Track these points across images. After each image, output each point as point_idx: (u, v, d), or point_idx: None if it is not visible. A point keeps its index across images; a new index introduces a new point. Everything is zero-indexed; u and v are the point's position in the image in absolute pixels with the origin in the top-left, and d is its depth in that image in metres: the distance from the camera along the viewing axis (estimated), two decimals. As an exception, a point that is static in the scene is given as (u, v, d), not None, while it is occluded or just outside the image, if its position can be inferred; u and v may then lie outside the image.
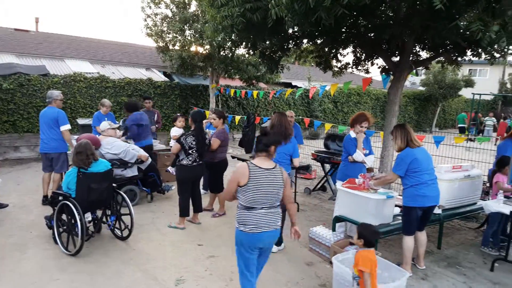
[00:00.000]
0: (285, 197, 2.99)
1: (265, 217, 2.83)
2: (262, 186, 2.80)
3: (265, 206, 2.83)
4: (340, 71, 7.43)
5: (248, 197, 2.80)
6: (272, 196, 2.84)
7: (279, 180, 2.87)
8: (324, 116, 17.46)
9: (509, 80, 26.34)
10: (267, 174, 2.83)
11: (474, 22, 3.47)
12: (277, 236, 2.95)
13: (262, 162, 2.89)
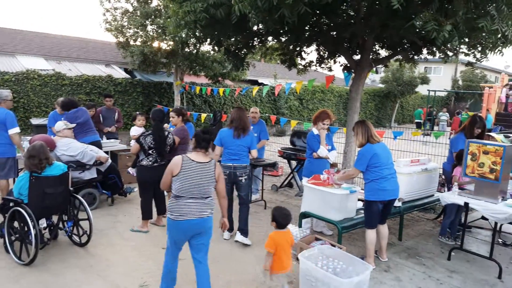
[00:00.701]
0: (217, 192, 3.21)
1: (191, 206, 3.03)
2: (191, 178, 3.02)
3: (194, 196, 3.05)
4: (304, 68, 7.54)
5: (178, 186, 3.03)
6: (200, 188, 3.05)
7: (209, 174, 3.09)
8: (290, 113, 17.67)
9: (461, 77, 27.78)
10: (198, 167, 3.05)
11: (429, 22, 3.63)
12: (205, 224, 3.12)
13: (197, 157, 3.12)
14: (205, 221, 3.10)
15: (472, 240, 5.00)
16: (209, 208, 3.13)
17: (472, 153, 4.13)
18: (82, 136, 6.16)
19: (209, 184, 3.09)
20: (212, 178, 3.10)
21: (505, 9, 3.69)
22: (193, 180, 3.02)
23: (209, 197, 3.14)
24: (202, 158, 3.13)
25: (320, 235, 4.64)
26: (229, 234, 4.78)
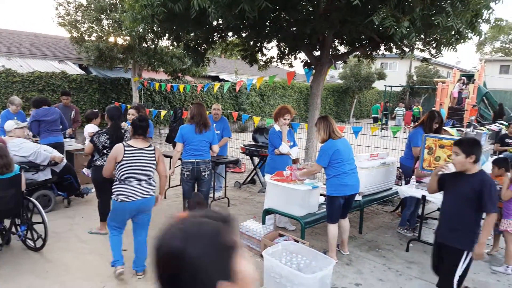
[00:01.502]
0: (158, 172, 3.61)
1: (137, 188, 3.41)
2: (134, 162, 3.38)
3: (138, 179, 3.41)
4: (265, 64, 7.51)
5: (123, 171, 3.36)
6: (143, 170, 3.43)
7: (150, 158, 3.48)
8: (252, 109, 17.65)
9: (415, 73, 28.97)
10: (139, 153, 3.41)
11: (387, 18, 3.69)
12: (149, 203, 3.52)
13: (137, 143, 3.46)
14: (149, 200, 3.51)
15: (428, 231, 5.19)
16: (152, 188, 3.53)
17: (429, 147, 4.26)
18: (46, 136, 6.07)
19: (151, 166, 3.48)
20: (152, 161, 3.49)
21: (459, 5, 3.83)
22: (136, 165, 3.38)
23: (151, 178, 3.53)
24: (142, 144, 3.47)
25: (283, 230, 4.64)
26: None
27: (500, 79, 29.12)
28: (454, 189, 2.86)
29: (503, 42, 44.92)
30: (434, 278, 3.78)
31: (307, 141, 6.40)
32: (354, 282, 3.64)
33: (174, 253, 0.77)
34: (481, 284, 3.72)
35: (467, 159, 2.72)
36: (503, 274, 3.93)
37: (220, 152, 6.21)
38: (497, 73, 30.20)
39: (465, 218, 2.79)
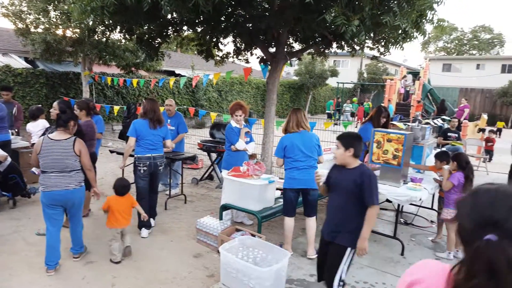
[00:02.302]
0: (82, 165, 3.64)
1: (55, 179, 3.46)
2: (50, 154, 3.45)
3: (55, 170, 3.46)
4: (222, 60, 7.47)
5: (41, 162, 3.47)
6: (60, 162, 3.47)
7: (67, 150, 3.49)
8: (210, 105, 17.51)
9: (366, 70, 30.13)
10: (56, 145, 3.47)
11: (339, 16, 3.81)
12: (71, 196, 3.56)
13: (57, 135, 3.53)
14: (71, 192, 3.53)
15: (378, 221, 5.46)
16: (75, 181, 3.55)
17: (377, 141, 4.46)
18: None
19: (68, 158, 3.49)
20: (69, 153, 3.49)
21: (405, 6, 4.02)
22: (50, 156, 3.44)
23: (73, 171, 3.55)
24: (61, 135, 3.53)
25: (240, 225, 4.67)
26: (147, 231, 4.61)
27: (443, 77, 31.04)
28: (337, 186, 2.84)
29: (445, 42, 47.85)
30: (384, 265, 3.99)
31: (264, 137, 6.47)
32: (309, 273, 3.75)
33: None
34: (426, 269, 3.97)
35: (346, 152, 2.73)
36: (446, 260, 4.22)
37: (177, 148, 6.12)
38: (440, 71, 32.14)
39: (349, 214, 2.76)
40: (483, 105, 27.15)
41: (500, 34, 45.37)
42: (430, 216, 5.64)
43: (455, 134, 8.60)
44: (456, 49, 46.49)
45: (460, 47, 46.41)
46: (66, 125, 3.58)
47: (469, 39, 46.37)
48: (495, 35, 45.37)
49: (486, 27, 45.63)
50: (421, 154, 5.14)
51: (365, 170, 2.77)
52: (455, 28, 46.25)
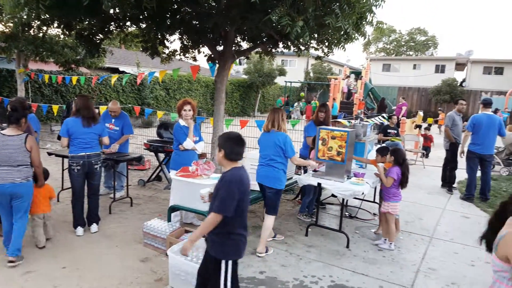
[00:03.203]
0: (31, 161, 3.76)
1: (4, 173, 3.57)
2: (2, 149, 3.57)
3: (6, 164, 3.58)
4: (168, 57, 7.28)
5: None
6: (9, 157, 3.59)
7: (18, 145, 3.62)
8: (157, 104, 17.05)
9: (312, 70, 31.02)
10: (6, 140, 3.60)
11: (284, 17, 3.86)
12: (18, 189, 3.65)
13: (9, 131, 3.67)
14: (18, 186, 3.63)
15: (325, 215, 5.65)
16: (22, 175, 3.66)
17: (323, 139, 4.61)
18: None
19: (19, 154, 3.62)
20: (21, 149, 3.63)
21: (346, 8, 4.17)
22: (3, 151, 3.56)
23: (22, 166, 3.66)
24: (13, 131, 3.66)
25: (190, 226, 4.61)
26: (82, 229, 4.56)
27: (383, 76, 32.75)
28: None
29: (385, 43, 50.55)
30: (330, 258, 4.14)
31: (213, 136, 6.41)
32: (258, 271, 3.79)
33: None
34: (371, 260, 4.17)
35: (219, 154, 2.60)
36: (387, 250, 4.45)
37: (121, 149, 5.90)
38: (380, 71, 33.86)
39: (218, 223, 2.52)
40: (420, 103, 29.04)
41: (434, 36, 48.80)
42: (372, 209, 5.93)
43: (394, 131, 9.11)
44: (395, 50, 49.27)
45: (398, 48, 49.26)
46: (18, 122, 3.70)
47: (406, 40, 49.34)
48: (429, 37, 48.71)
49: (421, 30, 48.85)
50: (363, 150, 5.39)
51: (226, 175, 2.56)
52: (393, 30, 49.00)
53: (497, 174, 8.89)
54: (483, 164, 6.66)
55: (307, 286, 3.55)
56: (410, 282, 3.72)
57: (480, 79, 30.93)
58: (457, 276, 3.89)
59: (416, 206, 6.29)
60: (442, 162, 7.85)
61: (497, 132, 6.59)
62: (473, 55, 32.37)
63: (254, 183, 4.86)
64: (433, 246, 4.67)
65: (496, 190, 7.31)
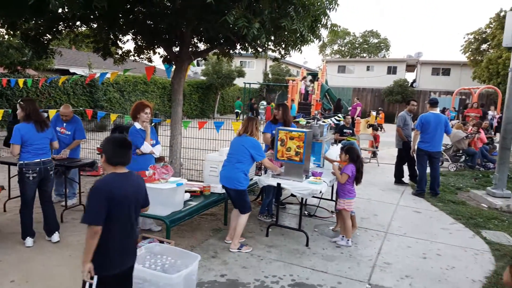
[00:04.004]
0: None
1: None
2: None
3: None
4: (121, 58, 7.06)
5: None
6: None
7: None
8: (111, 106, 16.46)
9: (270, 71, 31.35)
10: None
11: (240, 18, 3.87)
12: None
13: None
14: None
15: (285, 215, 5.71)
16: None
17: (281, 139, 4.66)
18: None
19: None
20: None
21: (301, 11, 4.24)
22: None
23: None
24: None
25: (148, 233, 4.49)
26: (32, 240, 4.32)
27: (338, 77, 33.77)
28: None
29: (340, 45, 52.14)
30: (290, 258, 4.18)
31: (171, 138, 6.29)
32: (219, 274, 3.75)
33: None
34: (329, 257, 4.26)
35: (102, 158, 2.47)
36: (345, 247, 4.57)
37: (72, 154, 5.63)
38: (336, 72, 34.89)
39: None
40: (373, 103, 30.18)
41: (386, 38, 51.00)
42: (330, 206, 6.07)
43: (349, 130, 9.41)
44: (349, 52, 50.96)
45: (353, 50, 51.00)
46: None
47: (360, 43, 51.19)
48: (381, 39, 50.83)
49: (374, 32, 50.87)
50: (320, 150, 5.51)
51: (95, 182, 2.42)
52: (348, 32, 50.65)
53: (446, 170, 9.42)
54: (432, 161, 7.02)
55: (268, 286, 3.56)
56: (367, 277, 3.84)
57: (429, 80, 32.75)
58: (411, 269, 4.06)
59: (371, 202, 6.53)
60: (394, 160, 8.20)
61: (443, 130, 6.98)
62: (422, 56, 34.17)
63: (215, 186, 4.87)
64: (388, 241, 4.86)
65: (445, 185, 7.74)
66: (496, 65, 24.55)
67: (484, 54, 28.19)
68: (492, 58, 25.20)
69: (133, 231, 2.57)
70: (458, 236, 5.08)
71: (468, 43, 29.81)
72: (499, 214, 6.02)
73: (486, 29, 28.16)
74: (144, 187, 2.69)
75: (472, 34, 29.63)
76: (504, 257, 4.41)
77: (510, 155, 7.00)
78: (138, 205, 2.59)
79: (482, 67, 26.28)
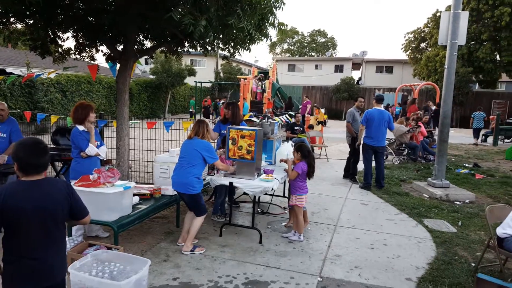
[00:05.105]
0: None
1: None
2: None
3: None
4: (61, 57, 6.66)
5: None
6: None
7: None
8: (52, 108, 15.53)
9: (222, 70, 31.22)
10: None
11: (186, 16, 3.79)
12: None
13: None
14: None
15: (239, 214, 5.70)
16: None
17: (232, 138, 4.64)
18: None
19: None
20: None
21: (248, 9, 4.24)
22: None
23: None
24: None
25: (95, 239, 4.29)
26: None
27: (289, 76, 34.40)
28: None
29: (289, 44, 53.11)
30: (244, 256, 4.19)
31: (117, 140, 6.04)
32: (171, 277, 3.66)
33: None
34: (282, 253, 4.31)
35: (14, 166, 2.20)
36: (297, 242, 4.65)
37: (10, 160, 5.24)
38: (286, 71, 35.52)
39: None
40: (322, 100, 31.06)
41: (333, 38, 52.68)
42: (283, 203, 6.15)
43: (300, 128, 9.60)
44: (298, 51, 52.06)
45: (302, 49, 52.16)
46: None
47: (308, 42, 52.45)
48: (328, 38, 52.44)
49: (321, 32, 52.37)
50: (272, 147, 5.57)
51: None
52: (296, 32, 51.72)
53: (390, 163, 9.91)
54: (377, 155, 7.36)
55: (222, 286, 3.54)
56: (318, 270, 3.94)
57: (374, 77, 34.34)
58: (360, 260, 4.22)
59: (322, 197, 6.71)
60: (343, 155, 8.49)
61: (387, 126, 7.33)
62: (367, 55, 35.74)
63: (166, 187, 4.75)
64: (337, 233, 5.02)
65: (389, 178, 8.14)
66: (434, 63, 26.34)
67: (423, 52, 30.10)
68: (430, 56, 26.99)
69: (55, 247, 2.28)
70: (403, 226, 5.36)
71: (408, 42, 31.66)
72: (439, 203, 6.44)
73: (425, 29, 30.09)
74: (64, 196, 2.30)
75: (412, 33, 31.52)
76: (444, 243, 4.72)
77: (448, 147, 7.52)
78: (55, 216, 2.23)
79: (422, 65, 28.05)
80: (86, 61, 7.07)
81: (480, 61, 25.26)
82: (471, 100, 25.50)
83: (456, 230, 5.20)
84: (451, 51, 6.89)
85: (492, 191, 7.41)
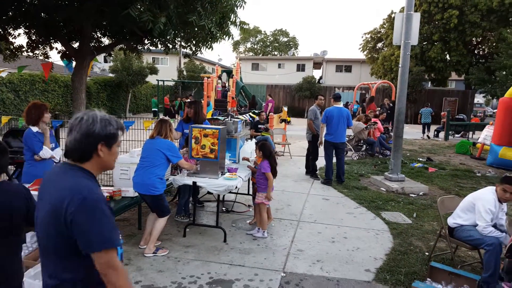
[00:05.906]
0: None
1: None
2: None
3: None
4: (13, 54, 6.34)
5: None
6: None
7: None
8: (4, 108, 14.68)
9: (185, 68, 30.81)
10: None
11: (145, 12, 3.72)
12: None
13: None
14: None
15: (203, 213, 5.67)
16: None
17: (195, 137, 4.61)
18: None
19: None
20: None
21: (208, 7, 4.23)
22: None
23: None
24: None
25: (52, 245, 4.11)
26: None
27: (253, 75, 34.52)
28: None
29: (252, 43, 53.28)
30: (208, 255, 4.17)
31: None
32: (133, 281, 3.59)
33: None
34: (247, 251, 4.34)
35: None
36: (261, 239, 4.70)
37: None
38: (250, 70, 35.62)
39: None
40: (285, 99, 31.42)
41: (294, 37, 53.42)
42: (247, 201, 6.19)
43: (264, 126, 9.68)
44: (262, 50, 52.35)
45: (265, 48, 52.49)
46: None
47: (271, 41, 52.86)
48: (290, 38, 53.10)
49: (283, 31, 52.93)
50: (235, 145, 5.58)
51: None
52: (259, 31, 51.95)
53: (350, 159, 10.22)
54: (337, 151, 7.57)
55: (186, 287, 3.51)
56: (281, 266, 4.00)
57: (334, 76, 35.18)
58: (321, 254, 4.34)
59: (285, 193, 6.82)
60: (305, 152, 8.66)
61: (346, 123, 7.55)
62: (327, 55, 36.52)
63: (126, 189, 4.64)
64: (300, 229, 5.12)
65: (349, 173, 8.40)
66: (390, 62, 27.41)
67: (379, 52, 31.21)
68: (386, 55, 28.05)
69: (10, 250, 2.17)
70: (362, 219, 5.55)
71: (366, 42, 32.73)
72: (396, 196, 6.73)
73: (381, 29, 31.22)
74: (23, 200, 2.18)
75: (369, 34, 32.60)
76: (400, 235, 4.95)
77: (403, 143, 7.86)
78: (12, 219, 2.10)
79: (378, 64, 29.09)
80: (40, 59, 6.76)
81: (432, 60, 26.58)
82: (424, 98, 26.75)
83: (411, 221, 5.46)
84: (404, 51, 7.20)
85: (444, 183, 7.84)
